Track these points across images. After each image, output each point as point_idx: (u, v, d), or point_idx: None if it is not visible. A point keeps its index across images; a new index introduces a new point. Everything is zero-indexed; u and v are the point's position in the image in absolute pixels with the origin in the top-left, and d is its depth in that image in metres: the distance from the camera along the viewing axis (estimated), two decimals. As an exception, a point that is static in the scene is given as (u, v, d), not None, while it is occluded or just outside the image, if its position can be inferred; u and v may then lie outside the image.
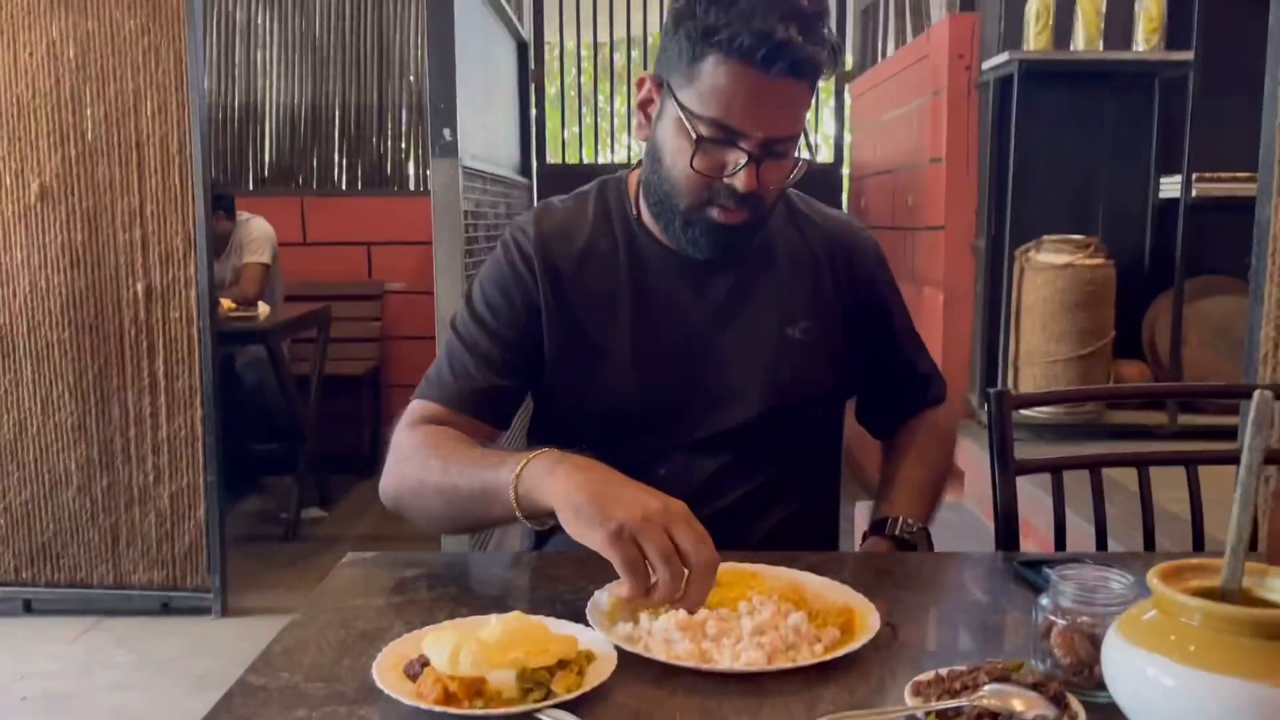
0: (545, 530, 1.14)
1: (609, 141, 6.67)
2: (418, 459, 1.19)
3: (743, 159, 1.16)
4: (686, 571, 0.93)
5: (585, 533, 0.97)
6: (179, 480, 3.12)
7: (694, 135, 1.16)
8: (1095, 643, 0.84)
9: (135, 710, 2.65)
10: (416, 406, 1.27)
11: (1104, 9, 3.16)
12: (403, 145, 5.28)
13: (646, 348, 1.28)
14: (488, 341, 1.28)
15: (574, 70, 6.73)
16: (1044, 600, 0.90)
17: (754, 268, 1.31)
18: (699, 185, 1.19)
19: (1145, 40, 3.15)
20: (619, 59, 6.63)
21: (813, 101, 1.22)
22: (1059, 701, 0.81)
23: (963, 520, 3.00)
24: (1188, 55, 3.04)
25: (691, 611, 0.95)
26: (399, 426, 1.26)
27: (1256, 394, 0.79)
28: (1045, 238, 3.17)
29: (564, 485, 1.01)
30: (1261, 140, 1.81)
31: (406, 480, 1.20)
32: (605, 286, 1.30)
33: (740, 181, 1.17)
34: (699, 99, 1.15)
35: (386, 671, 0.88)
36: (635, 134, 1.27)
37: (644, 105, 1.25)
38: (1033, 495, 2.39)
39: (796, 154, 1.21)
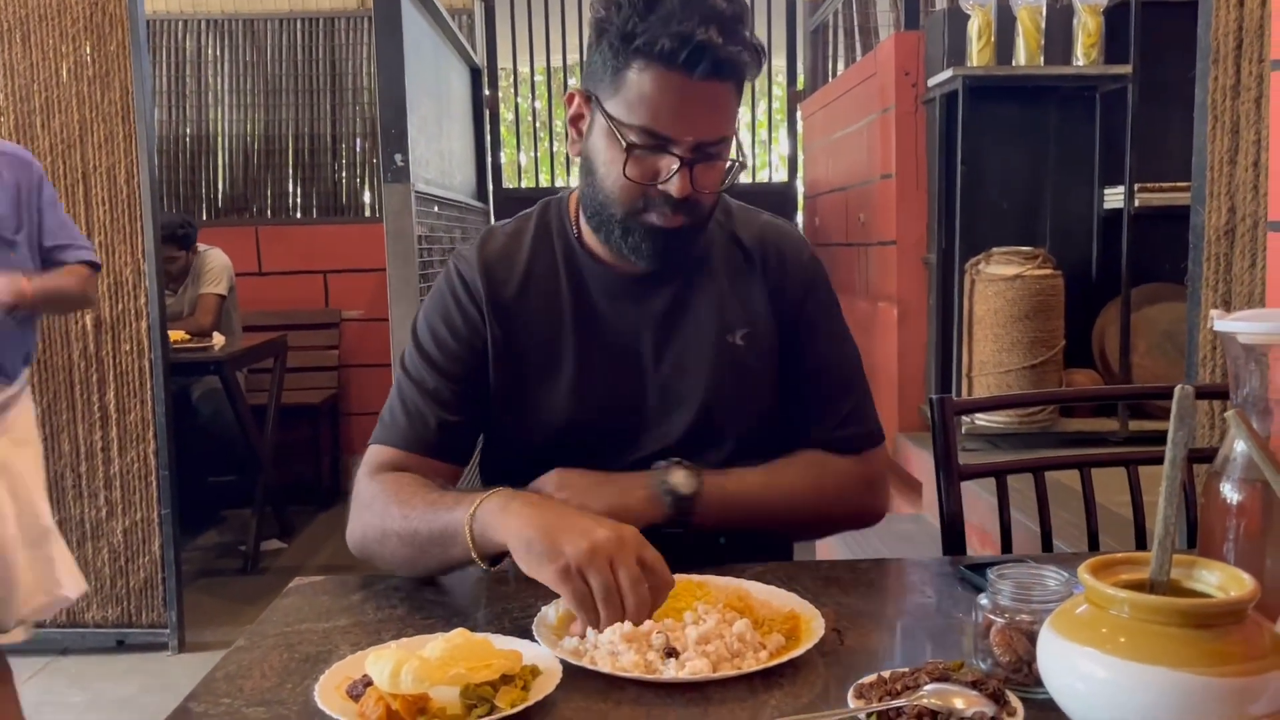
0: (497, 565, 1.14)
1: (565, 166, 6.70)
2: (378, 506, 1.19)
3: (674, 165, 1.16)
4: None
5: (536, 569, 1.01)
6: (133, 514, 3.07)
7: (624, 144, 1.16)
8: (1033, 640, 0.84)
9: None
10: (374, 452, 1.27)
11: (1044, 25, 3.22)
12: (358, 173, 5.26)
13: (590, 368, 1.28)
14: (436, 378, 1.27)
15: (529, 95, 6.76)
16: (983, 600, 0.91)
17: (694, 279, 1.31)
18: (633, 193, 1.19)
19: (1084, 55, 3.22)
20: (574, 83, 6.67)
21: (739, 103, 1.21)
22: (998, 699, 0.82)
23: (921, 531, 3.02)
24: (1126, 69, 3.10)
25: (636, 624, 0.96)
26: (359, 475, 1.25)
27: (1178, 390, 0.81)
28: (994, 250, 3.21)
29: (515, 522, 1.04)
30: (1194, 148, 1.85)
31: (369, 529, 1.20)
32: (548, 309, 1.29)
33: (674, 187, 1.16)
34: (626, 108, 1.16)
35: (329, 693, 0.87)
36: (569, 149, 1.27)
37: (575, 120, 1.25)
38: (988, 502, 2.42)
39: (733, 157, 1.21)
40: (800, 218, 5.40)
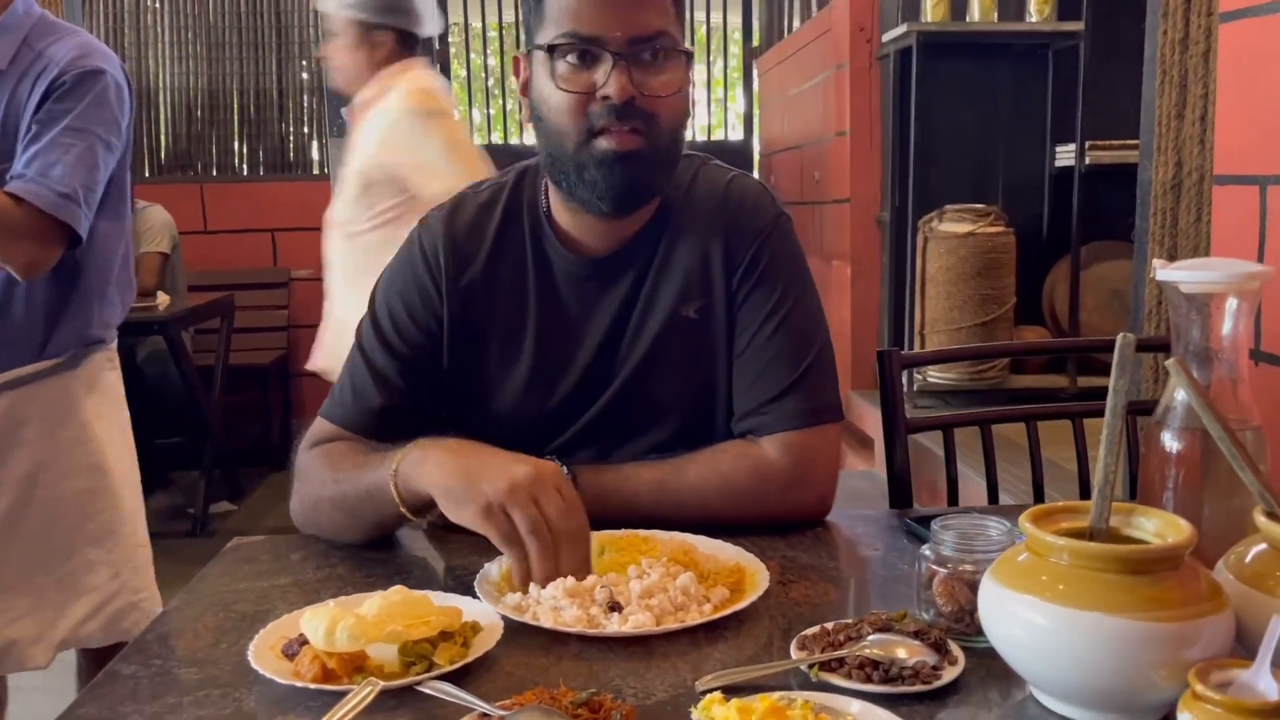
0: (438, 524, 1.11)
1: (519, 124, 6.61)
2: (313, 475, 1.17)
3: (609, 64, 1.09)
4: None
5: (458, 512, 1.00)
6: (76, 477, 2.99)
7: (547, 49, 1.10)
8: (975, 589, 0.85)
9: (41, 715, 2.56)
10: (316, 424, 1.23)
11: (998, -20, 3.22)
12: (305, 129, 5.15)
13: (551, 358, 1.22)
14: (385, 357, 1.21)
15: (482, 51, 6.64)
16: (926, 550, 0.91)
17: (659, 262, 1.22)
18: (576, 112, 1.11)
19: (1037, 11, 3.23)
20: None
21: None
22: (940, 648, 0.82)
23: (873, 486, 3.05)
24: (1078, 26, 3.11)
25: (579, 579, 0.94)
26: (300, 447, 1.22)
27: (1119, 338, 0.81)
28: (947, 207, 3.22)
29: (435, 471, 1.03)
30: (1143, 103, 1.86)
31: (306, 499, 1.18)
32: (512, 294, 1.22)
33: (613, 89, 1.09)
34: (554, 27, 1.11)
35: (264, 652, 0.86)
36: (523, 120, 1.20)
37: (524, 89, 1.19)
38: (938, 458, 2.44)
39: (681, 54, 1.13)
40: (756, 177, 5.38)
